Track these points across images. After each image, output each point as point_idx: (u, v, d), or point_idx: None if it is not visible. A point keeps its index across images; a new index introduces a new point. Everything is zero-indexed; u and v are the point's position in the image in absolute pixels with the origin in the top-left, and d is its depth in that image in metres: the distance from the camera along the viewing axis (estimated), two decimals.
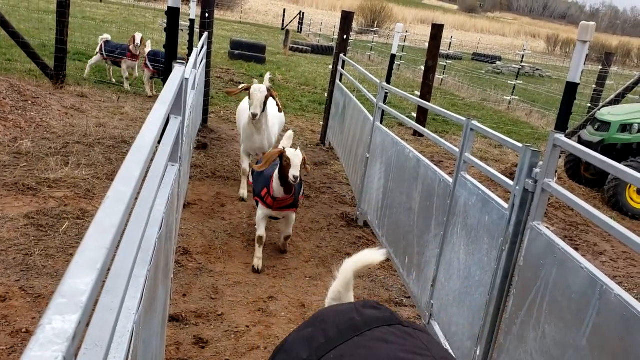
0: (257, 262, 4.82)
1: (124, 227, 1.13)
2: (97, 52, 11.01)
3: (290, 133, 5.62)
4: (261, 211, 4.87)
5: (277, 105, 6.03)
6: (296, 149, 4.66)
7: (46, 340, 0.71)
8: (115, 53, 10.75)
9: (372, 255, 2.13)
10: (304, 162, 4.65)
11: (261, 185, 4.85)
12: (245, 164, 6.34)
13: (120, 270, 1.29)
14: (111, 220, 1.04)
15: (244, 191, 6.32)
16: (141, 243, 1.48)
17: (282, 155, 4.59)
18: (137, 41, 10.44)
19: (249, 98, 5.74)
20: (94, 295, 0.84)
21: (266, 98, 5.73)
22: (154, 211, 1.96)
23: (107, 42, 10.81)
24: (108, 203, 1.11)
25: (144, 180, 1.76)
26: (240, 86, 6.03)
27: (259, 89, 5.67)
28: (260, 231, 4.84)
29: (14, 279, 3.91)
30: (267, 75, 6.93)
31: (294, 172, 4.50)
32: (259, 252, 4.83)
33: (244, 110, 6.43)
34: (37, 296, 3.77)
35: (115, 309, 1.14)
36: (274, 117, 6.42)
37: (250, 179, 5.46)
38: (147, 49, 10.54)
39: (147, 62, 10.55)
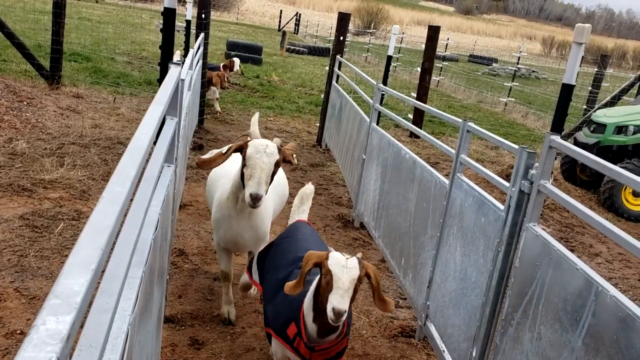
0: None
1: (119, 228, 1.12)
2: None
3: (310, 189, 3.74)
4: (281, 355, 2.88)
5: (277, 167, 3.36)
6: (349, 257, 2.49)
7: (40, 340, 0.71)
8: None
9: None
10: (374, 282, 2.60)
11: (284, 313, 2.77)
12: (225, 263, 3.93)
13: (115, 271, 1.28)
14: (106, 221, 1.03)
15: (229, 308, 4.00)
16: (136, 244, 1.47)
17: (321, 263, 2.49)
18: (237, 67, 10.14)
19: (246, 165, 3.26)
20: (88, 296, 0.83)
21: (277, 165, 3.30)
22: (149, 212, 1.96)
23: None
24: (103, 204, 1.11)
25: (139, 181, 1.75)
26: (226, 148, 3.43)
27: (265, 150, 3.24)
28: None
29: (8, 280, 3.90)
30: (256, 116, 4.69)
31: (337, 303, 2.35)
32: None
33: (221, 177, 3.87)
34: (32, 297, 3.76)
35: (110, 310, 1.14)
36: (273, 188, 3.78)
37: (255, 276, 3.40)
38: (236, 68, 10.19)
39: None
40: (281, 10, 43.70)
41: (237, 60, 10.21)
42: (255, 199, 3.18)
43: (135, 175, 1.33)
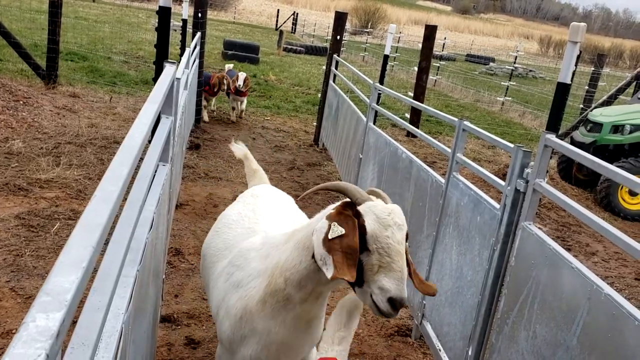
0: None
1: (111, 226, 1.12)
2: None
3: (358, 301, 2.41)
4: None
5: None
6: None
7: (29, 337, 0.71)
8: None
9: None
10: None
11: None
12: None
13: (108, 270, 1.28)
14: (97, 220, 1.03)
15: None
16: (130, 243, 1.47)
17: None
18: (240, 82, 10.09)
19: (368, 250, 1.99)
20: (79, 294, 0.83)
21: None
22: (144, 211, 1.95)
23: (228, 72, 10.47)
24: (95, 202, 1.11)
25: (133, 180, 1.75)
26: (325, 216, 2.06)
27: (394, 220, 2.13)
28: None
29: (4, 279, 3.89)
30: (241, 148, 3.80)
31: None
32: None
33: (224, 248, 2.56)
34: (27, 297, 3.75)
35: (102, 308, 1.14)
36: None
37: None
38: (238, 83, 10.16)
39: None
40: (278, 10, 43.67)
41: (241, 75, 10.10)
42: (401, 306, 1.93)
43: (128, 174, 1.33)
